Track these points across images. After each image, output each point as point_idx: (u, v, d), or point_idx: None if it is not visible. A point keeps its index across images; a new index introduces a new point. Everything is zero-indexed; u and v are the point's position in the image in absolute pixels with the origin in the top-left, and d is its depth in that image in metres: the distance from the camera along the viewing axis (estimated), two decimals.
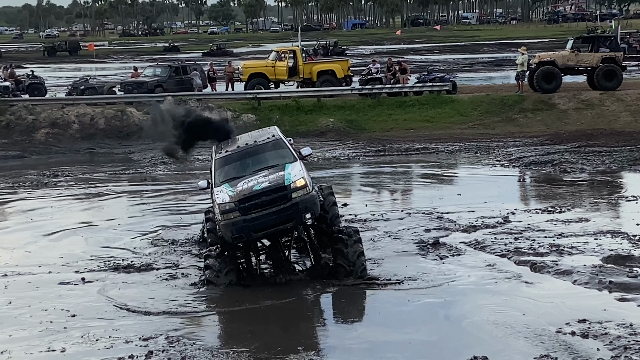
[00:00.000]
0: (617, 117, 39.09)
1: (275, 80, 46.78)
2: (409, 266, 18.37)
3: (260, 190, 16.72)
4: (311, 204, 16.89)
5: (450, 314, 15.51)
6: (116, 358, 13.91)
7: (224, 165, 18.19)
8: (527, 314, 15.16)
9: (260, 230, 16.85)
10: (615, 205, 24.15)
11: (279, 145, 18.57)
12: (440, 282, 17.33)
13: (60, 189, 30.40)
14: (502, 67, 67.31)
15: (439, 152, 34.90)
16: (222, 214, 16.79)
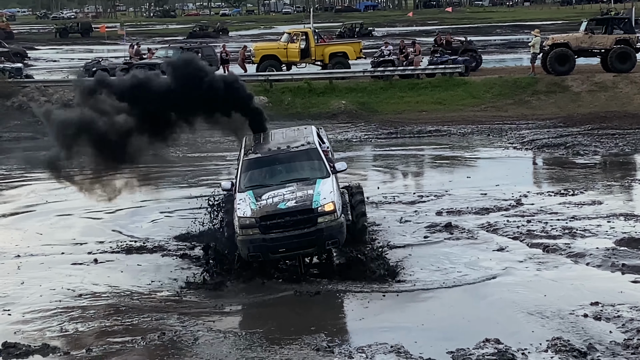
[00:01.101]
0: (631, 100, 38.92)
1: (287, 62, 46.68)
2: (420, 249, 18.38)
3: (285, 209, 15.71)
4: (337, 231, 15.84)
5: (463, 296, 15.50)
6: (129, 338, 13.96)
7: (252, 169, 17.16)
8: (539, 297, 15.14)
9: (278, 253, 15.89)
10: (629, 188, 24.09)
11: (313, 155, 17.39)
12: (453, 264, 17.34)
13: (74, 170, 30.39)
14: (515, 49, 66.99)
15: (451, 135, 34.82)
16: (241, 228, 15.83)
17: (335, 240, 15.91)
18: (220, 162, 30.84)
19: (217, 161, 31.02)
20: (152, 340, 13.89)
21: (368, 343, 13.30)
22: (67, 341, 14.09)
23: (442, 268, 17.13)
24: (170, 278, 17.26)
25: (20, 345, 13.74)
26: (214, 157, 32.09)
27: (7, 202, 25.60)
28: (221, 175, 28.25)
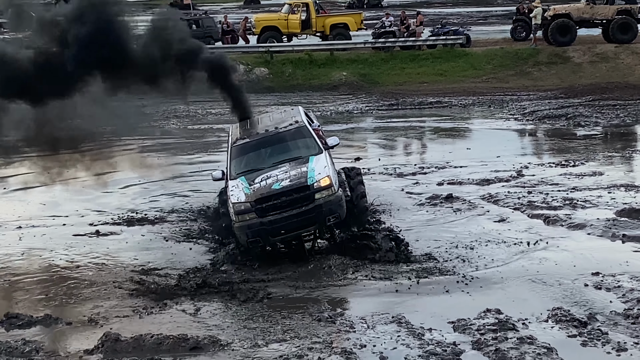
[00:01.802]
0: (632, 71, 38.83)
1: (288, 33, 46.53)
2: (422, 219, 18.40)
3: (280, 189, 15.19)
4: (336, 205, 15.34)
5: (462, 265, 15.52)
6: (129, 308, 14.00)
7: (241, 154, 16.53)
8: (541, 267, 15.18)
9: (279, 235, 15.34)
10: (629, 159, 24.09)
11: (302, 133, 16.81)
12: (454, 234, 17.36)
13: (72, 140, 30.35)
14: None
15: (452, 106, 34.77)
16: (237, 214, 15.29)
17: (336, 215, 15.37)
18: (221, 134, 30.79)
19: (219, 133, 30.99)
20: (153, 310, 13.92)
21: (370, 313, 13.34)
22: (69, 311, 14.12)
23: (445, 239, 17.12)
24: (172, 252, 17.26)
25: (23, 315, 13.79)
26: (214, 129, 32.07)
27: (10, 174, 25.60)
28: (221, 147, 28.22)
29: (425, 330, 12.65)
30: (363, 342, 12.29)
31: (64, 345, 12.68)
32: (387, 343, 12.27)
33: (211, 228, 18.04)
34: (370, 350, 12.03)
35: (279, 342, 12.38)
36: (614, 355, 11.64)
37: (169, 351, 12.23)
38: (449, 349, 11.98)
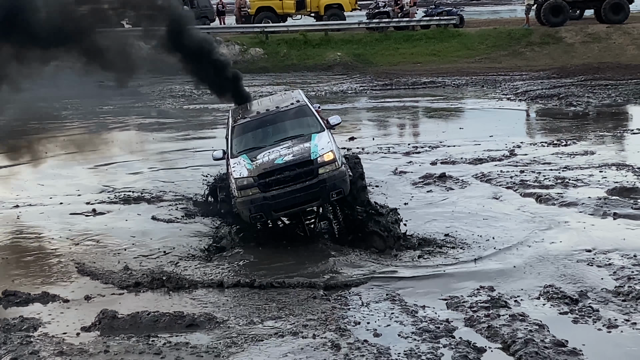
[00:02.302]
0: (624, 51, 38.85)
1: (283, 14, 46.45)
2: (415, 198, 18.41)
3: (283, 164, 14.73)
4: (340, 180, 14.82)
5: (455, 244, 15.53)
6: (126, 286, 14.00)
7: (242, 133, 16.02)
8: (534, 244, 15.20)
9: (282, 210, 14.89)
10: (621, 138, 24.09)
11: (304, 112, 16.35)
12: (448, 213, 17.37)
13: (71, 122, 30.42)
14: (509, 0, 66.68)
15: (446, 86, 34.80)
16: (239, 189, 14.81)
17: (340, 190, 14.89)
18: (217, 114, 30.80)
19: (215, 113, 30.99)
20: (150, 288, 13.92)
21: (364, 291, 13.35)
22: (66, 289, 14.12)
23: (437, 219, 17.12)
24: (168, 231, 17.25)
25: (20, 293, 13.78)
26: (210, 109, 32.04)
27: (8, 154, 25.58)
28: (217, 126, 28.22)
29: (419, 308, 12.65)
30: (357, 319, 12.30)
31: (61, 322, 12.67)
32: (381, 320, 12.28)
33: (206, 213, 17.89)
34: (364, 327, 12.03)
35: (274, 319, 12.38)
36: (604, 332, 11.66)
37: (165, 328, 12.23)
38: (442, 325, 11.99)
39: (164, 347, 11.50)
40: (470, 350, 11.18)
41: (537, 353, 10.91)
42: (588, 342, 11.29)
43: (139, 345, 11.57)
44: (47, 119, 30.85)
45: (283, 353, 11.21)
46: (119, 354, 11.30)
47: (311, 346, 11.37)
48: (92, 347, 11.56)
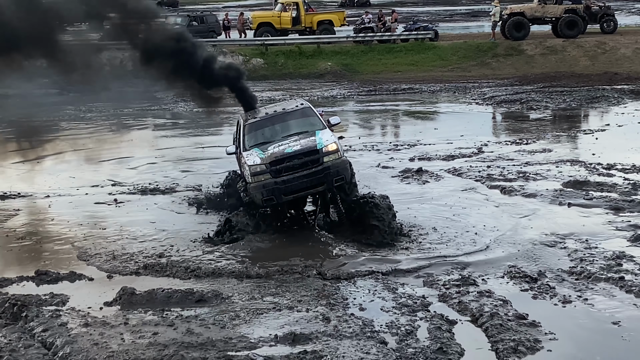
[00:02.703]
0: (577, 62, 38.88)
1: (281, 28, 46.38)
2: (395, 189, 18.36)
3: (292, 152, 14.61)
4: (342, 168, 14.73)
5: (431, 230, 15.49)
6: (143, 266, 13.96)
7: (253, 130, 15.86)
8: (498, 229, 15.21)
9: (291, 193, 14.63)
10: (574, 137, 24.10)
11: (307, 113, 16.21)
12: (424, 203, 17.35)
13: (95, 122, 30.35)
14: (478, 17, 66.51)
15: (423, 92, 34.76)
16: (253, 175, 14.68)
17: (342, 177, 14.74)
18: (223, 115, 30.72)
19: (222, 115, 30.91)
20: (165, 268, 13.88)
21: (353, 272, 13.32)
22: (91, 269, 14.10)
23: (415, 208, 17.09)
24: (183, 218, 17.21)
25: (51, 272, 13.77)
26: (217, 111, 31.91)
27: (40, 149, 25.51)
28: (223, 126, 28.17)
29: (399, 285, 12.66)
30: (345, 296, 12.31)
31: (86, 298, 12.64)
32: (365, 296, 12.28)
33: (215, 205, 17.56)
34: (351, 303, 12.04)
35: (272, 295, 12.38)
36: (560, 307, 11.68)
37: (178, 303, 12.22)
38: (419, 301, 12.00)
39: (176, 319, 11.48)
40: (444, 322, 11.20)
41: (501, 325, 10.93)
42: (545, 315, 11.31)
43: (155, 318, 11.56)
44: (75, 119, 30.84)
45: (280, 325, 11.20)
46: (137, 326, 11.28)
47: (305, 319, 11.37)
48: (113, 320, 11.55)
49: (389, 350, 10.29)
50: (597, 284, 12.37)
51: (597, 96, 30.76)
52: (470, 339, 10.74)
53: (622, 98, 30.28)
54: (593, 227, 15.14)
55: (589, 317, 11.31)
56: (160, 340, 10.70)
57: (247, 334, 10.92)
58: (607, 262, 13.18)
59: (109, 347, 10.52)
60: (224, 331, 11.02)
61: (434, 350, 10.31)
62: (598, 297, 11.88)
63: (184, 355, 10.11)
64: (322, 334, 10.76)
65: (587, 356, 10.28)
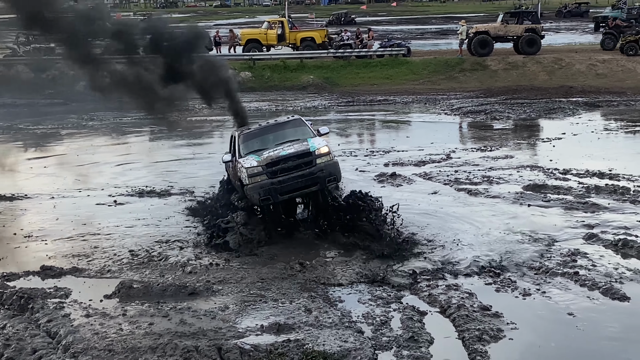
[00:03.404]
0: (536, 76, 39.04)
1: (267, 44, 46.35)
2: (372, 191, 18.37)
3: (287, 155, 14.40)
4: (334, 169, 14.57)
5: (406, 228, 15.44)
6: (141, 263, 13.90)
7: (248, 140, 15.55)
8: (464, 227, 15.24)
9: (286, 193, 14.36)
10: (534, 145, 24.21)
11: (299, 123, 16.00)
12: (399, 204, 17.33)
13: (97, 131, 30.19)
14: (446, 35, 66.73)
15: (396, 103, 34.79)
16: (250, 177, 14.33)
17: (334, 177, 14.60)
18: (214, 123, 30.72)
19: (214, 123, 30.90)
20: (160, 264, 13.82)
21: (333, 265, 13.33)
22: (92, 264, 14.01)
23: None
24: (177, 218, 17.13)
25: (55, 267, 13.69)
26: (208, 120, 31.90)
27: (45, 154, 25.39)
28: (214, 134, 28.12)
29: (376, 279, 12.67)
30: (325, 289, 12.30)
31: (88, 291, 12.57)
32: (344, 289, 12.30)
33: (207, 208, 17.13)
34: (331, 295, 12.04)
35: (259, 289, 12.36)
36: (520, 299, 11.73)
37: (172, 296, 12.18)
38: (393, 293, 12.02)
39: (171, 311, 11.45)
40: (415, 313, 11.22)
41: (467, 316, 10.96)
42: (508, 307, 11.37)
43: (151, 310, 11.52)
44: (77, 127, 30.67)
45: (266, 316, 11.19)
46: (134, 317, 11.24)
47: (288, 310, 11.36)
48: (112, 311, 11.50)
49: (365, 338, 10.30)
50: (554, 278, 12.44)
51: (554, 108, 30.92)
52: (439, 329, 10.77)
53: (577, 109, 30.45)
54: (551, 226, 15.20)
55: (547, 308, 11.37)
56: (156, 330, 10.66)
57: (236, 324, 10.91)
58: (563, 258, 13.26)
59: (108, 336, 10.48)
60: (215, 322, 10.99)
61: (406, 338, 10.34)
62: (555, 290, 11.95)
63: (177, 343, 10.08)
64: (304, 324, 10.77)
65: (545, 343, 10.33)
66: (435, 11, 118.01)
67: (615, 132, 25.82)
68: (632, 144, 24.28)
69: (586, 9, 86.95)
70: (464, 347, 10.16)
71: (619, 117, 29.11)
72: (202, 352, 9.88)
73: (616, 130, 26.08)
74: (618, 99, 32.99)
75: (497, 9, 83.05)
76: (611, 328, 10.61)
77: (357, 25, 67.18)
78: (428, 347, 10.17)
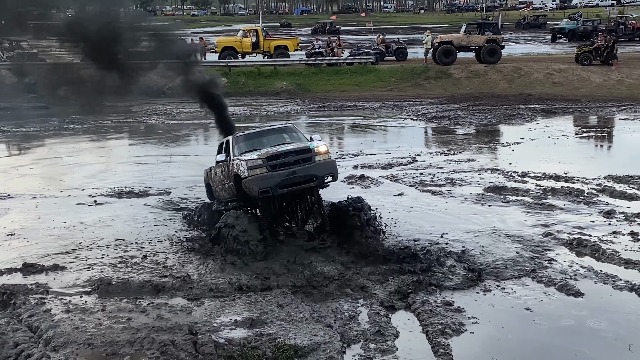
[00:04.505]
0: (497, 84, 39.38)
1: (242, 52, 46.30)
2: (340, 193, 18.39)
3: (287, 150, 13.81)
4: (332, 167, 14.03)
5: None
6: (120, 261, 13.79)
7: (243, 141, 14.84)
8: (426, 226, 15.29)
9: (286, 187, 13.55)
10: (494, 149, 24.38)
11: (292, 129, 15.46)
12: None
13: (78, 134, 29.91)
14: (412, 45, 67.06)
15: (365, 109, 34.90)
16: (250, 169, 13.57)
17: (332, 174, 13.98)
18: (191, 127, 30.58)
19: (192, 127, 30.76)
20: (138, 262, 13.71)
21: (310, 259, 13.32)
22: (73, 262, 13.87)
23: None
24: (155, 217, 17.04)
25: (37, 265, 13.53)
26: (187, 124, 31.76)
27: (28, 155, 25.12)
28: (192, 137, 28.01)
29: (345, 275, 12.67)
30: (298, 284, 12.29)
31: (68, 287, 12.45)
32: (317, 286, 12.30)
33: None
34: (302, 290, 12.03)
35: (234, 285, 12.30)
36: (481, 295, 11.80)
37: (149, 292, 12.09)
38: (360, 289, 12.02)
39: (148, 306, 11.37)
40: (382, 308, 11.24)
41: (431, 311, 11.01)
42: (469, 302, 11.43)
43: (129, 306, 11.43)
44: (59, 130, 30.38)
45: (240, 311, 11.15)
46: (113, 312, 11.14)
47: (261, 305, 11.32)
48: (92, 307, 11.40)
49: (334, 332, 10.30)
50: (513, 275, 12.52)
51: (514, 114, 31.20)
52: (404, 323, 10.80)
53: (535, 116, 30.74)
54: (510, 226, 15.33)
55: (506, 304, 11.45)
56: (134, 324, 10.58)
57: (211, 318, 10.86)
58: (522, 256, 13.34)
59: (88, 331, 10.39)
60: (190, 317, 10.94)
61: (373, 332, 10.36)
62: (514, 287, 12.04)
63: (154, 338, 10.01)
64: (277, 319, 10.75)
65: (503, 336, 10.40)
66: (402, 21, 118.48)
67: (570, 137, 26.09)
68: (586, 148, 24.57)
69: (544, 21, 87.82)
70: (427, 340, 10.21)
71: (574, 123, 29.45)
72: (178, 345, 9.83)
73: (571, 136, 26.36)
74: (573, 106, 33.38)
75: (460, 20, 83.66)
76: (565, 322, 10.72)
77: (339, 34, 67.27)
78: (394, 341, 10.20)
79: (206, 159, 19.19)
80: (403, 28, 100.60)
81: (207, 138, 27.96)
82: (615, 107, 32.87)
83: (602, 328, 10.50)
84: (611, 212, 15.91)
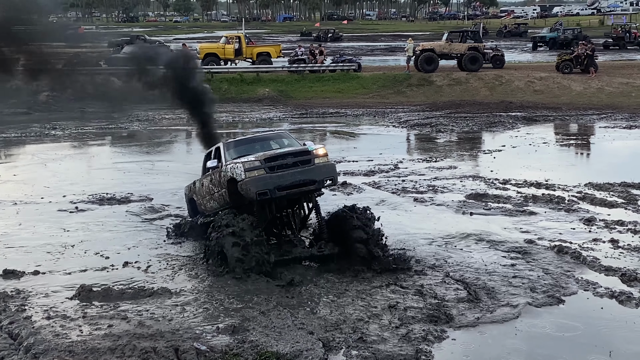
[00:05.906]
0: (478, 92, 39.61)
1: (225, 58, 46.26)
2: (324, 199, 18.37)
3: (285, 152, 13.43)
4: (331, 170, 13.49)
5: None
6: (100, 267, 13.71)
7: (234, 147, 14.36)
8: (410, 231, 15.31)
9: (284, 189, 12.95)
10: (476, 156, 24.52)
11: (285, 135, 15.27)
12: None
13: (59, 139, 29.74)
14: (395, 52, 67.35)
15: (347, 116, 34.98)
16: (247, 171, 12.93)
17: (331, 177, 13.46)
18: (173, 133, 30.50)
19: (174, 133, 30.68)
20: (118, 269, 13.64)
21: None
22: (54, 268, 13.77)
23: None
24: (136, 224, 16.97)
25: (17, 271, 13.41)
26: (170, 130, 31.68)
27: (9, 162, 24.93)
28: (174, 143, 27.92)
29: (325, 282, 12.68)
30: (281, 293, 12.25)
31: (49, 294, 12.34)
32: (299, 294, 12.27)
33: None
34: (284, 299, 12.01)
35: (217, 292, 12.25)
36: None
37: (131, 298, 12.02)
38: (341, 294, 12.03)
39: (129, 313, 11.29)
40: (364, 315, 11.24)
41: (413, 317, 11.02)
42: None
43: (110, 312, 11.35)
44: (40, 136, 30.18)
45: (222, 318, 11.11)
46: (94, 318, 11.06)
47: (244, 312, 11.27)
48: (73, 313, 11.30)
49: (316, 339, 10.29)
50: (496, 281, 12.57)
51: (495, 121, 31.40)
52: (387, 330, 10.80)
53: (516, 123, 30.96)
54: (491, 231, 15.41)
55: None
56: (115, 331, 10.52)
57: (193, 326, 10.81)
58: (504, 263, 13.40)
59: (69, 338, 10.31)
60: (172, 324, 10.87)
61: (355, 339, 10.36)
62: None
63: (135, 345, 9.95)
64: (259, 325, 10.72)
65: (484, 342, 10.44)
66: (384, 29, 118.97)
67: (551, 145, 26.27)
68: (566, 156, 24.76)
69: (525, 29, 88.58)
70: (410, 347, 10.21)
71: (554, 131, 29.67)
72: (159, 353, 9.78)
73: (552, 143, 26.55)
74: (554, 113, 33.63)
75: (442, 29, 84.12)
76: (547, 329, 10.77)
77: (341, 41, 67.46)
78: (377, 346, 10.20)
79: (190, 167, 19.17)
80: (385, 35, 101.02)
81: (189, 144, 27.94)
82: (595, 115, 33.17)
83: (582, 334, 10.57)
84: (592, 219, 16.03)
